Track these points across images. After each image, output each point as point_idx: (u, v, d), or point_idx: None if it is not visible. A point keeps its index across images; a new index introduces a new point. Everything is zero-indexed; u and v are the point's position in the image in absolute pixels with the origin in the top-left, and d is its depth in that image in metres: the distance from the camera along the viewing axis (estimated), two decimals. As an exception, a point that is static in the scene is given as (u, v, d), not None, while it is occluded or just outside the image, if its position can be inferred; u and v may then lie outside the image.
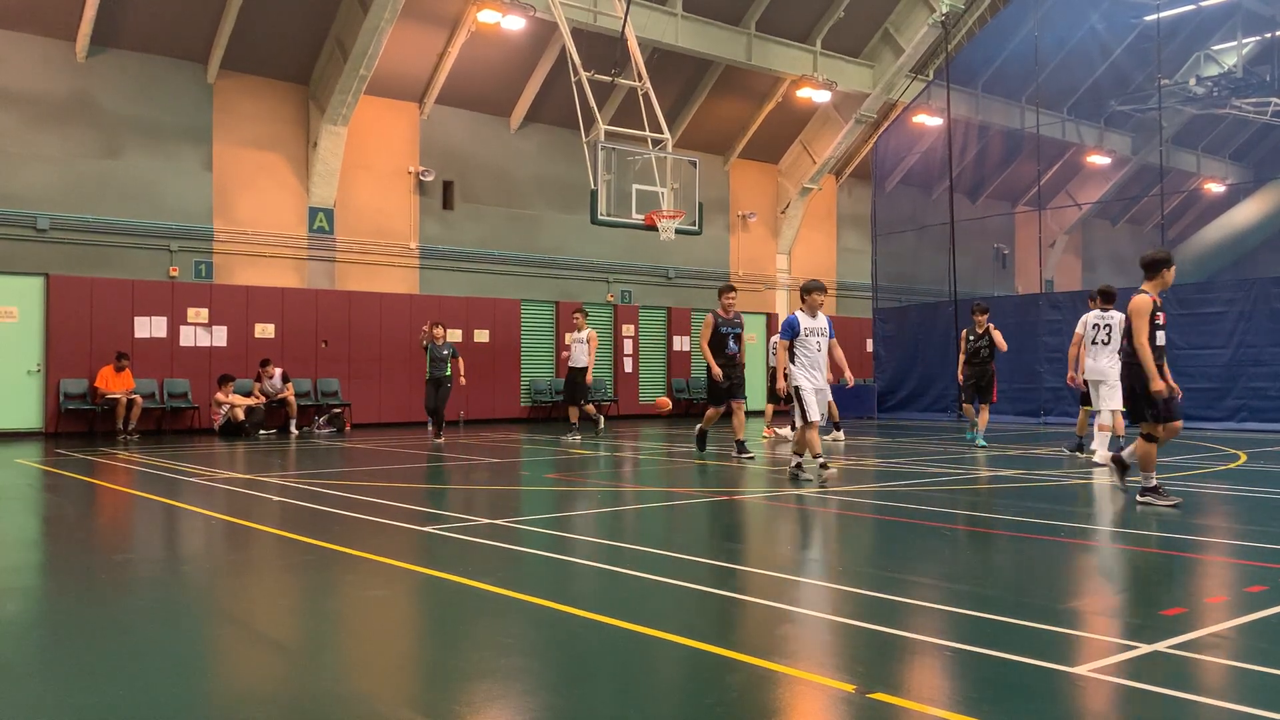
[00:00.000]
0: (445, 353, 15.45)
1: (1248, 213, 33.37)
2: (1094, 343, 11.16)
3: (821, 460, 9.41)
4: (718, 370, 11.78)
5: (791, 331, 9.72)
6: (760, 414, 20.38)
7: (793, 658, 3.82)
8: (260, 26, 18.24)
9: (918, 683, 3.57)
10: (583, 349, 16.11)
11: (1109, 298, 11.27)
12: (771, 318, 26.94)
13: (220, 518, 7.61)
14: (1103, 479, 9.63)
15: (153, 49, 18.05)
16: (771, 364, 17.87)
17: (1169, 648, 3.82)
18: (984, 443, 13.55)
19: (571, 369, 16.31)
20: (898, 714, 3.15)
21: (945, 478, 10.11)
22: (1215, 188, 33.65)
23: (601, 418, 17.37)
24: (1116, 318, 10.76)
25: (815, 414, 9.45)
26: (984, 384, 13.72)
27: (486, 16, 18.82)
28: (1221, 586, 5.26)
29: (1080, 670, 3.54)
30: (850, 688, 3.38)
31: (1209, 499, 8.50)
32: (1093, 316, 11.25)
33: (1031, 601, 4.68)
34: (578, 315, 16.57)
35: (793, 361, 9.66)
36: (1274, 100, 28.33)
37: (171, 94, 18.31)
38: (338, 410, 18.94)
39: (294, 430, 17.83)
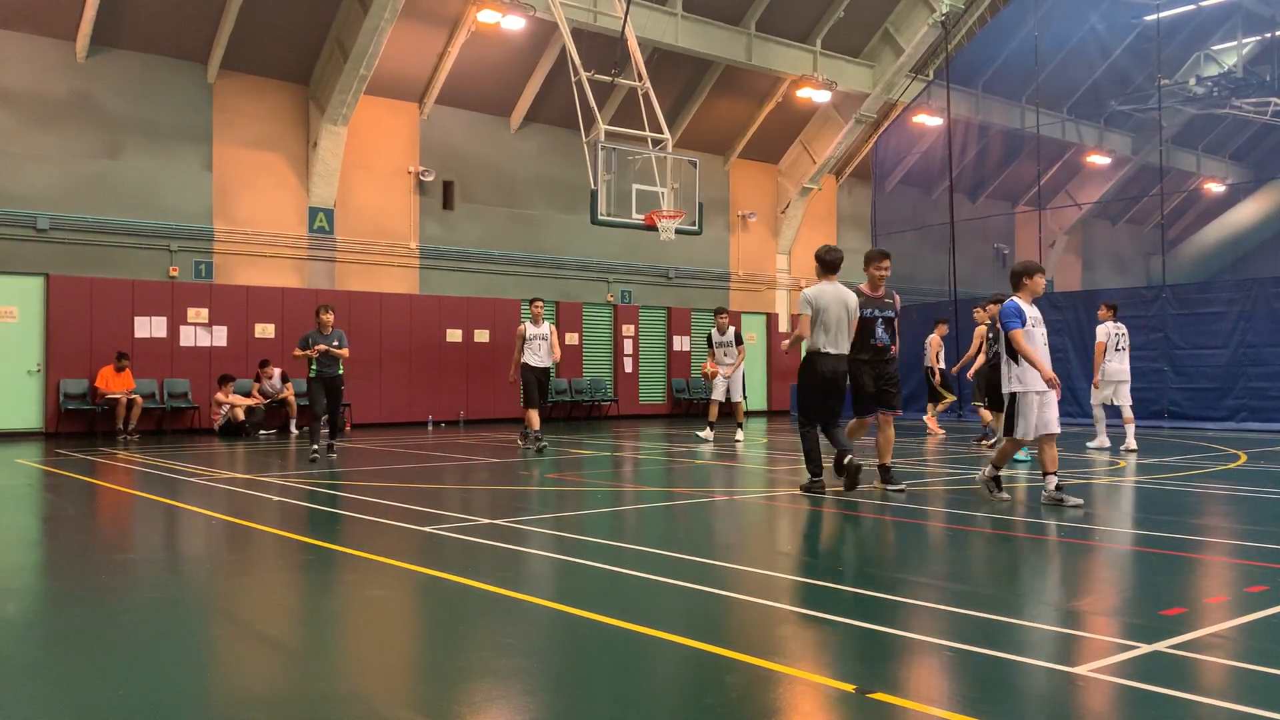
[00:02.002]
0: (335, 343, 12.39)
1: (1248, 213, 33.39)
2: (1116, 349, 13.06)
3: (995, 474, 8.05)
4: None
5: (1020, 319, 7.81)
6: (756, 415, 20.34)
7: (793, 658, 3.82)
8: (260, 26, 18.24)
9: (918, 683, 3.57)
10: (547, 345, 13.70)
11: (1115, 309, 13.33)
12: (771, 318, 26.94)
13: (220, 518, 7.61)
14: (1119, 479, 9.61)
15: (153, 49, 18.05)
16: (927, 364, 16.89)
17: (1169, 648, 3.82)
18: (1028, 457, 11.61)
19: (534, 369, 13.58)
20: (898, 714, 3.15)
21: (945, 478, 10.11)
22: (1215, 188, 33.65)
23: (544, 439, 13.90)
24: (1124, 328, 13.19)
25: (1029, 429, 7.79)
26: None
27: (486, 16, 18.82)
28: (1221, 586, 5.26)
29: (1080, 670, 3.53)
30: (850, 688, 3.38)
31: (1209, 499, 8.49)
32: (1110, 326, 13.06)
33: (1031, 601, 4.68)
34: (538, 304, 14.12)
35: (1014, 360, 7.81)
36: (1274, 100, 28.33)
37: (171, 94, 18.31)
38: (338, 410, 18.94)
39: (294, 430, 17.83)
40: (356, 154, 19.99)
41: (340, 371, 12.52)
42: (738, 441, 14.93)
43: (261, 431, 17.55)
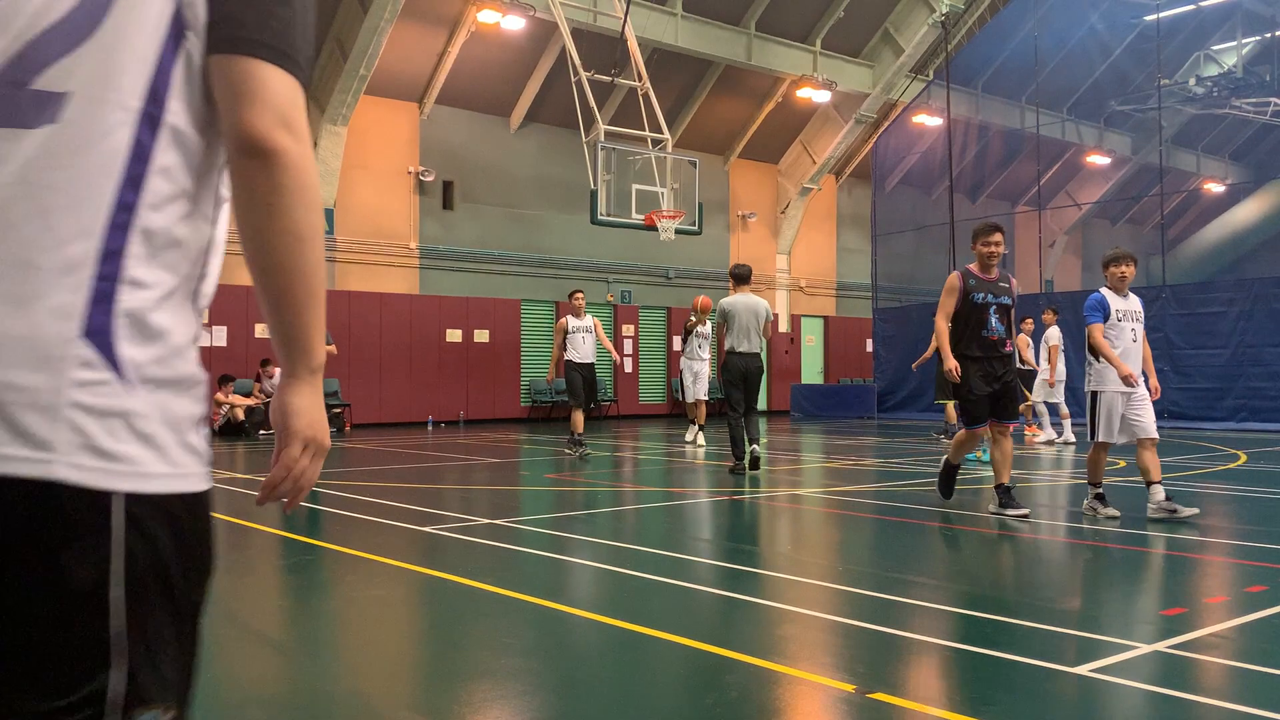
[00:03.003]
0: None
1: (1248, 213, 33.37)
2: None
3: (1099, 492, 7.19)
4: (953, 362, 7.29)
5: (1103, 313, 7.14)
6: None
7: (793, 658, 3.82)
8: (260, 26, 18.24)
9: (918, 683, 3.57)
10: (593, 339, 12.80)
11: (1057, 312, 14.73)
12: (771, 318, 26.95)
13: (220, 517, 7.61)
14: (1120, 479, 9.60)
15: (153, 49, 18.05)
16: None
17: (1169, 648, 3.82)
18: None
19: (579, 365, 12.66)
20: (898, 714, 3.15)
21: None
22: (1215, 188, 33.64)
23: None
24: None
25: (1111, 431, 7.09)
26: None
27: (486, 16, 18.82)
28: (1221, 586, 5.26)
29: (1080, 670, 3.53)
30: (850, 688, 3.38)
31: (1209, 499, 8.49)
32: (1056, 331, 14.28)
33: (1031, 601, 4.68)
34: (579, 296, 13.01)
35: (1094, 357, 7.16)
36: (1274, 100, 28.32)
37: (171, 94, 18.31)
38: (338, 410, 18.94)
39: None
40: (356, 154, 20.00)
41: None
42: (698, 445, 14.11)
43: (262, 431, 17.55)
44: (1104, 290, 7.23)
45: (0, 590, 1.09)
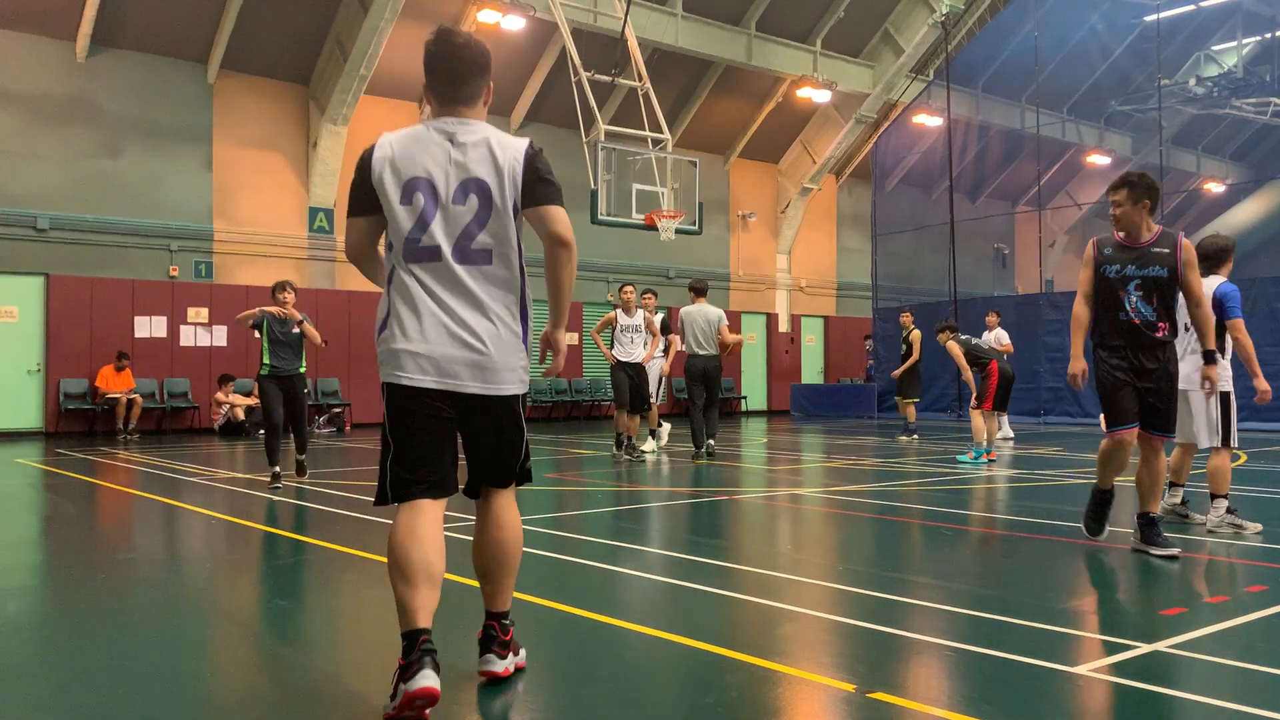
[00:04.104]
0: (296, 331, 9.56)
1: (1248, 213, 33.36)
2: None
3: (1230, 507, 6.63)
4: (1077, 366, 5.83)
5: (1240, 308, 6.47)
6: (756, 414, 20.27)
7: (793, 658, 3.82)
8: (260, 26, 18.24)
9: (918, 683, 3.57)
10: (642, 339, 12.15)
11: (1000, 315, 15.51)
12: (772, 318, 26.94)
13: (220, 517, 7.61)
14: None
15: (153, 49, 18.05)
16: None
17: (1169, 648, 3.82)
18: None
19: (625, 365, 12.07)
20: (898, 714, 3.15)
21: (945, 477, 10.11)
22: (1215, 188, 33.64)
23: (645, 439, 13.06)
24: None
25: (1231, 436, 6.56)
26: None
27: (486, 16, 18.82)
28: (1221, 586, 5.26)
29: (1080, 670, 3.53)
30: (850, 688, 3.38)
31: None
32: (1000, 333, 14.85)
33: (1031, 601, 4.68)
34: (629, 290, 12.20)
35: (1222, 354, 6.40)
36: (1274, 100, 28.33)
37: (171, 94, 18.31)
38: (338, 410, 18.94)
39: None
40: (356, 154, 19.88)
41: (302, 369, 9.69)
42: (646, 453, 12.49)
43: (262, 431, 17.53)
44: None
45: (502, 431, 3.32)
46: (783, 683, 3.49)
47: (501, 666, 3.45)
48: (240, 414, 17.16)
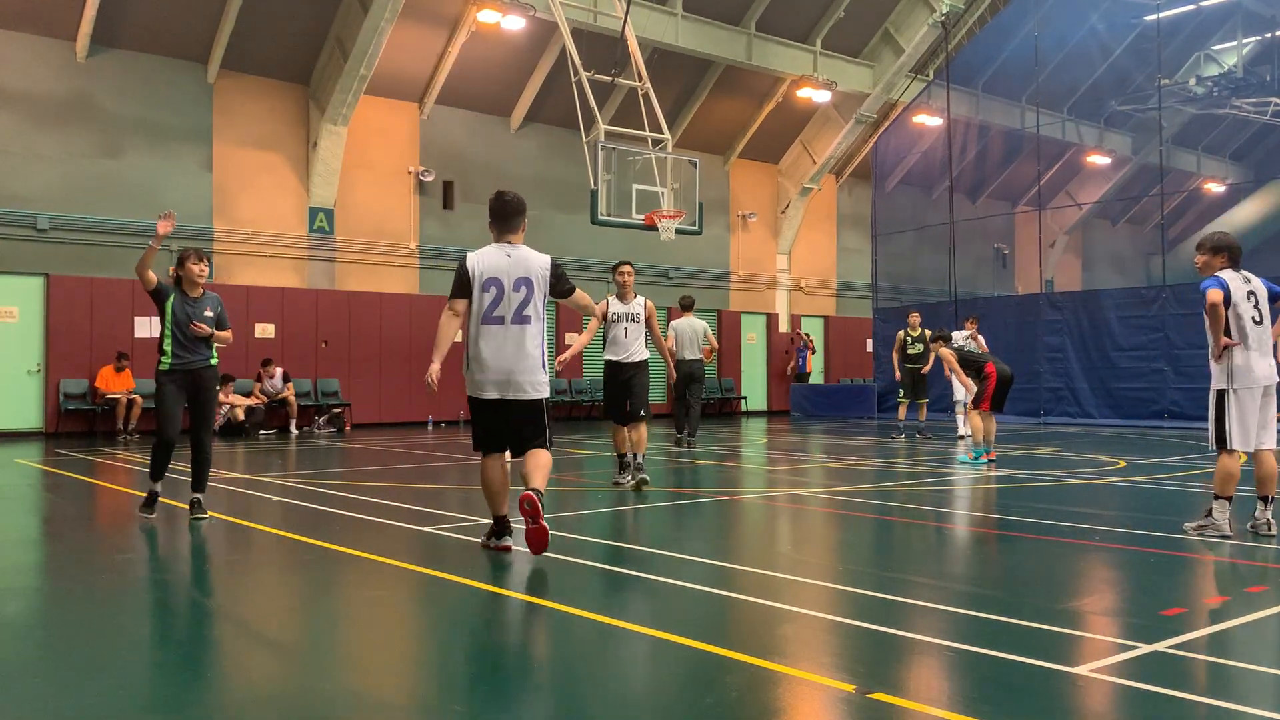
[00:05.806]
0: (209, 314, 7.58)
1: (1248, 213, 33.35)
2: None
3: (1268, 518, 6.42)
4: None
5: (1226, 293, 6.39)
6: (757, 415, 20.22)
7: (793, 658, 3.82)
8: (260, 26, 18.24)
9: (918, 683, 3.57)
10: (640, 331, 9.47)
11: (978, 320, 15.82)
12: (772, 318, 26.95)
13: (220, 517, 7.60)
14: (1120, 479, 9.60)
15: (153, 49, 18.05)
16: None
17: (1169, 648, 3.82)
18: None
19: (619, 365, 9.35)
20: (898, 714, 3.15)
21: (944, 477, 10.11)
22: (1215, 188, 33.63)
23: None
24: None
25: (1239, 439, 6.43)
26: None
27: (486, 16, 18.82)
28: (1221, 586, 5.26)
29: (1080, 670, 3.54)
30: (850, 688, 3.38)
31: (1209, 499, 8.48)
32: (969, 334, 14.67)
33: (1031, 601, 4.68)
34: (625, 269, 9.61)
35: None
36: (1274, 100, 28.33)
37: (171, 94, 18.31)
38: (338, 410, 18.95)
39: (294, 430, 17.83)
40: (356, 154, 19.99)
41: (214, 361, 7.56)
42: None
43: (262, 431, 17.55)
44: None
45: (533, 418, 5.91)
46: (783, 683, 3.49)
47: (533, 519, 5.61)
48: (240, 414, 17.16)
